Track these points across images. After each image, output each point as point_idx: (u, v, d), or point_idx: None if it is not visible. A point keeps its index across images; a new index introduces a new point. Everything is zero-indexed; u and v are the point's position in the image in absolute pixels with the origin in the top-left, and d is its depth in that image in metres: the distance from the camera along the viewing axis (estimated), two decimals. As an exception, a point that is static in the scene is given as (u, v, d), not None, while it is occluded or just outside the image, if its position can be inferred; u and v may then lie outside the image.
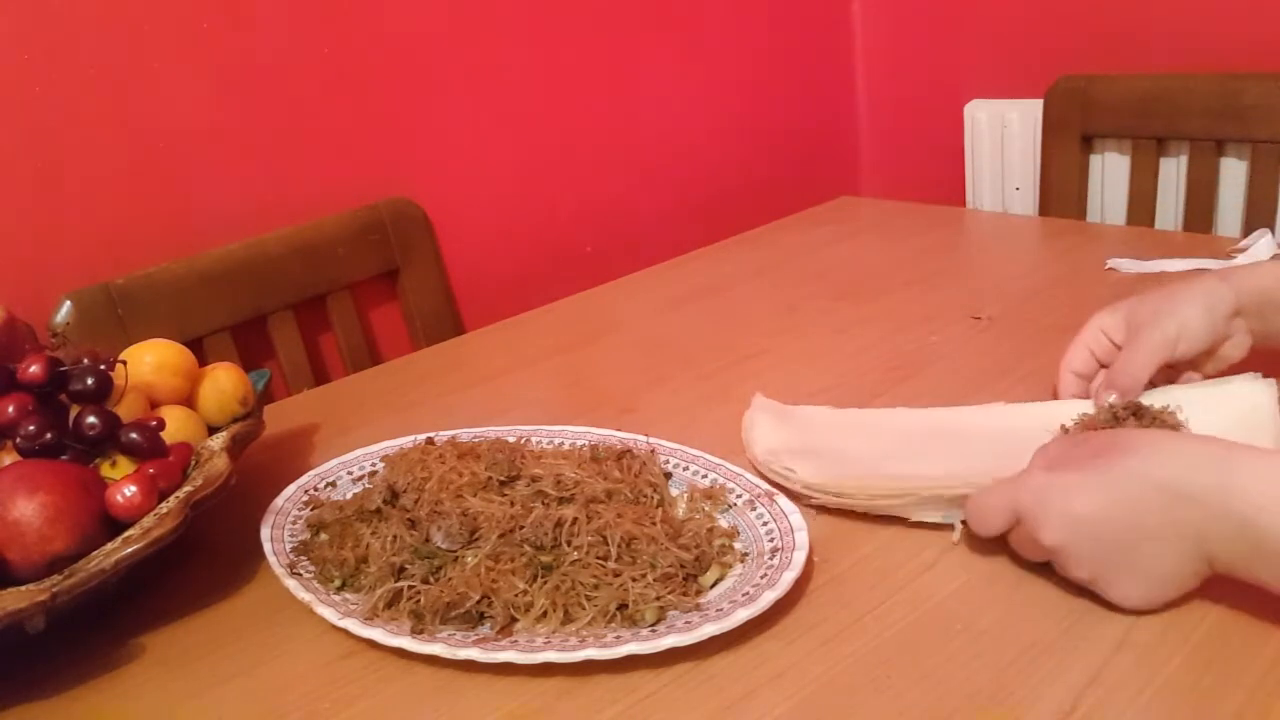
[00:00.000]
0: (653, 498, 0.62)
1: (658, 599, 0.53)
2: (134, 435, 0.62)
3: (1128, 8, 1.38)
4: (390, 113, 1.19)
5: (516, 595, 0.54)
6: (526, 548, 0.57)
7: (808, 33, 1.66)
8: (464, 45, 1.24)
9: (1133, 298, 0.68)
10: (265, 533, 0.63)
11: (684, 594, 0.54)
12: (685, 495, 0.64)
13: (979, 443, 0.66)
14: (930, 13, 1.62)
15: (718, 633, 0.50)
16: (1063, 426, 0.62)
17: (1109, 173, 1.37)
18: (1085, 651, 0.48)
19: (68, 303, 0.95)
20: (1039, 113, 1.40)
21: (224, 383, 0.72)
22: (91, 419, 0.62)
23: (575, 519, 0.58)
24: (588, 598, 0.54)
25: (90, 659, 0.58)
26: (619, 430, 0.72)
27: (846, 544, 0.59)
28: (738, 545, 0.59)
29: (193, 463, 0.65)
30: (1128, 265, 0.98)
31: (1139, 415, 0.60)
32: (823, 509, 0.63)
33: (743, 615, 0.51)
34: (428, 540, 0.59)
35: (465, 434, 0.73)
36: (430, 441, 0.71)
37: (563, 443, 0.72)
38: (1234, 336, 0.66)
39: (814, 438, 0.69)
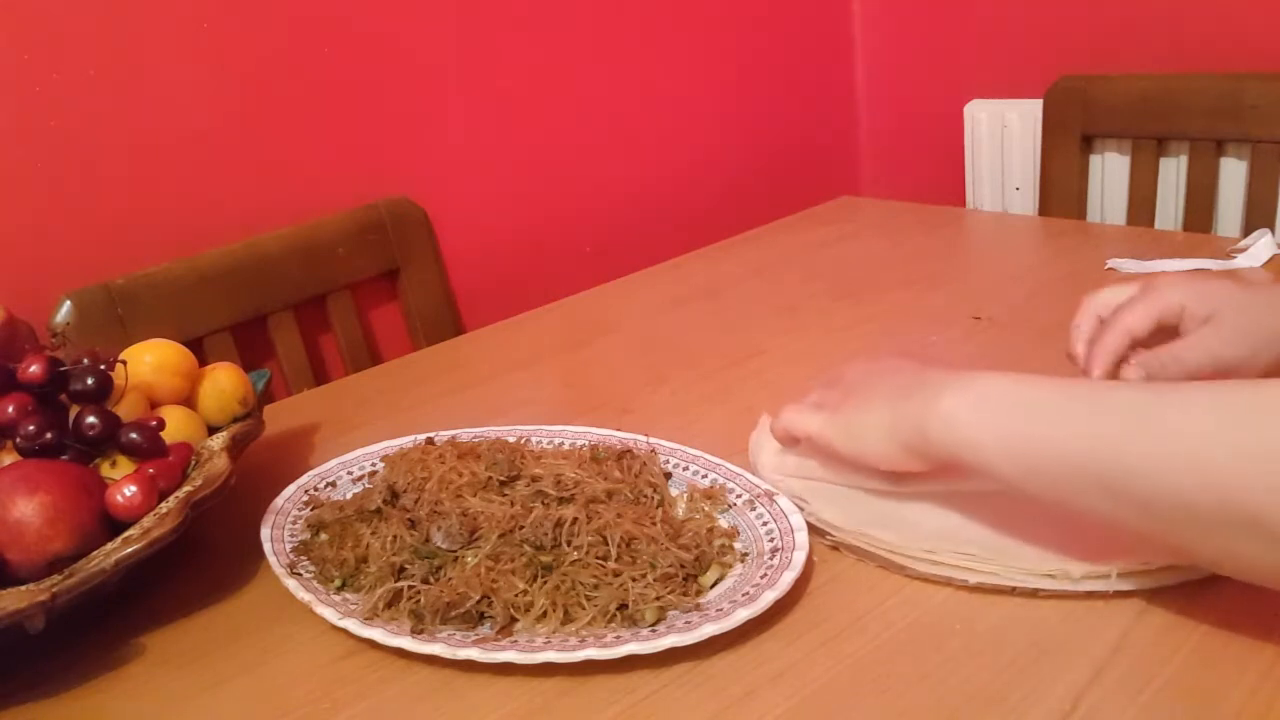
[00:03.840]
0: (653, 498, 0.62)
1: (658, 599, 0.53)
2: (134, 435, 0.62)
3: (1128, 8, 1.38)
4: (390, 113, 1.19)
5: (516, 595, 0.54)
6: (526, 548, 0.57)
7: (807, 32, 1.66)
8: (464, 45, 1.24)
9: (1211, 283, 0.62)
10: (265, 533, 0.63)
11: (684, 594, 0.54)
12: (685, 495, 0.64)
13: None
14: (930, 13, 1.62)
15: (718, 633, 0.50)
16: None
17: (1109, 173, 1.37)
18: (1085, 651, 0.48)
19: (68, 303, 0.95)
20: (1039, 113, 1.40)
21: (224, 383, 0.72)
22: (91, 419, 0.62)
23: (575, 519, 0.58)
24: (588, 598, 0.54)
25: (90, 659, 0.58)
26: (619, 430, 0.72)
27: (846, 544, 0.59)
28: (738, 545, 0.59)
29: (193, 463, 0.65)
30: (1128, 265, 0.98)
31: None
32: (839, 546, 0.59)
33: (743, 615, 0.51)
34: (428, 540, 0.59)
35: (465, 434, 0.73)
36: (430, 441, 0.71)
37: (563, 443, 0.72)
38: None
39: (826, 467, 0.65)
